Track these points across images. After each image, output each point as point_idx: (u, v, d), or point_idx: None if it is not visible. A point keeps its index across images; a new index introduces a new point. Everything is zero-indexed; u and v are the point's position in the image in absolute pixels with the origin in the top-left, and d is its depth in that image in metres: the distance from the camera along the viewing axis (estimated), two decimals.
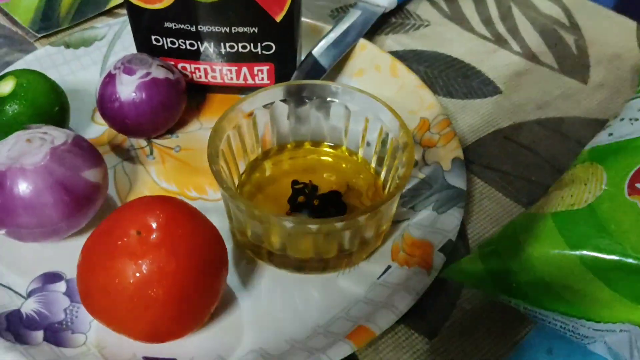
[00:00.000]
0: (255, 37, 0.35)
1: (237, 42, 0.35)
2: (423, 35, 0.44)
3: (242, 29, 0.34)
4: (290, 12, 0.34)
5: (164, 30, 0.35)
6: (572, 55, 0.43)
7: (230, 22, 0.34)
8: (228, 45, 0.35)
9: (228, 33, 0.34)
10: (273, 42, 0.35)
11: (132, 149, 0.35)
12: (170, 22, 0.34)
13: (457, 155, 0.33)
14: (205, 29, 0.34)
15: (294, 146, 0.34)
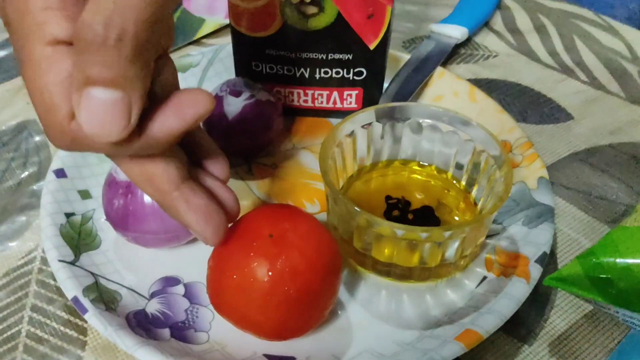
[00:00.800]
0: (349, 63, 0.37)
1: (332, 68, 0.38)
2: (493, 65, 0.47)
3: (338, 55, 0.37)
4: (383, 40, 0.36)
5: (264, 57, 0.38)
6: (637, 85, 0.45)
7: (328, 49, 0.37)
8: (323, 71, 0.38)
9: (324, 59, 0.37)
10: (365, 68, 0.38)
11: (232, 166, 0.38)
12: (271, 49, 0.37)
13: (542, 174, 0.35)
14: (304, 55, 0.37)
15: (385, 165, 0.36)
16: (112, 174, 0.31)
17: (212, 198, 0.25)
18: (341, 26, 0.35)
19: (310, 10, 0.35)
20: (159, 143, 0.21)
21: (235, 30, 0.37)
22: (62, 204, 0.33)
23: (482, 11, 0.50)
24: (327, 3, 0.35)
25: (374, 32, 0.36)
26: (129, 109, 0.19)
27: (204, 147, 0.27)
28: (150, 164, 0.23)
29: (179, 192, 0.23)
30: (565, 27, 0.51)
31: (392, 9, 0.35)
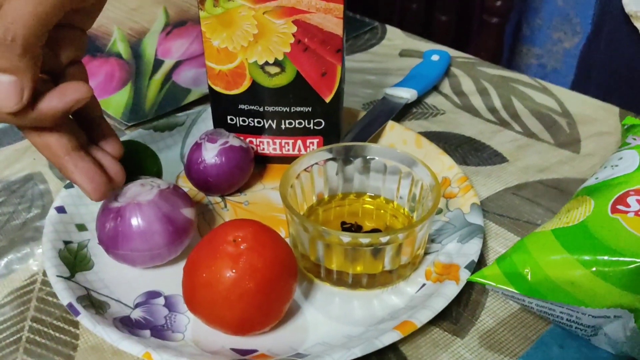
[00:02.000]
0: (309, 115, 0.44)
1: (295, 119, 0.44)
2: (440, 121, 0.54)
3: (300, 108, 0.44)
4: (336, 95, 0.43)
5: (237, 111, 0.44)
6: (566, 133, 0.52)
7: (291, 103, 0.43)
8: (287, 122, 0.45)
9: (288, 112, 0.44)
10: (323, 119, 0.44)
11: (209, 203, 0.44)
12: (243, 104, 0.44)
13: (475, 201, 0.41)
14: (270, 109, 0.44)
15: (340, 197, 0.42)
16: (105, 202, 0.37)
17: (97, 164, 0.34)
18: (300, 83, 0.43)
19: (273, 70, 0.42)
20: (47, 117, 0.30)
21: (212, 89, 0.44)
22: (62, 234, 0.39)
23: (431, 77, 0.58)
24: (287, 64, 0.42)
25: (329, 87, 0.43)
26: (21, 89, 0.28)
27: (102, 130, 0.37)
28: (47, 133, 0.32)
29: (69, 157, 0.33)
30: (504, 89, 0.58)
31: (342, 68, 0.42)
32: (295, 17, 0.40)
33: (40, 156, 0.49)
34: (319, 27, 0.40)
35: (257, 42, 0.41)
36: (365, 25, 0.71)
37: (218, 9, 0.40)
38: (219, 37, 0.41)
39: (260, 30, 0.41)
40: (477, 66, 0.63)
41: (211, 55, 0.42)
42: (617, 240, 0.32)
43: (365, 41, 0.68)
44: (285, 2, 0.39)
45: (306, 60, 0.42)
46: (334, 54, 0.42)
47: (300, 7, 0.40)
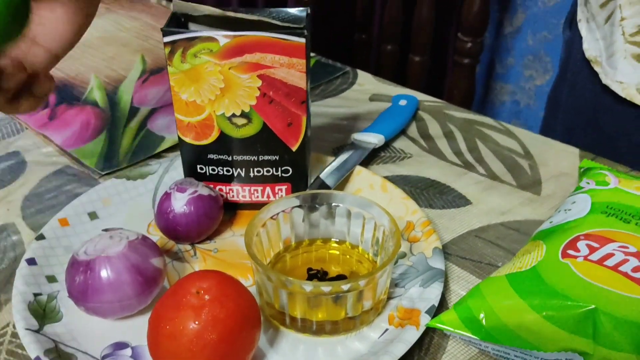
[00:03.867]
0: (277, 163, 0.46)
1: (263, 167, 0.46)
2: (406, 164, 0.55)
3: (267, 157, 0.45)
4: (302, 144, 0.45)
5: (207, 160, 0.46)
6: (527, 175, 0.54)
7: (259, 152, 0.45)
8: (256, 170, 0.46)
9: (256, 160, 0.45)
10: (290, 167, 0.46)
11: (179, 251, 0.45)
12: (212, 154, 0.45)
13: (437, 245, 0.42)
14: (239, 158, 0.45)
15: (307, 243, 0.43)
16: (74, 255, 0.38)
17: None
18: (267, 133, 0.44)
19: (240, 121, 0.44)
20: None
21: (182, 140, 0.45)
22: (32, 286, 0.40)
23: (398, 122, 0.59)
24: (254, 115, 0.43)
25: (295, 136, 0.45)
26: None
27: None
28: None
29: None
30: (469, 132, 0.60)
31: (307, 118, 0.44)
32: (260, 71, 0.42)
33: (14, 206, 0.49)
34: (283, 80, 0.42)
35: (224, 95, 0.43)
36: (337, 70, 0.73)
37: (186, 64, 0.42)
38: (187, 91, 0.43)
39: (227, 85, 0.42)
40: (444, 110, 0.65)
41: (180, 108, 0.44)
42: (566, 285, 0.33)
43: (336, 86, 0.70)
44: (249, 59, 0.41)
45: (272, 111, 0.43)
46: (298, 106, 0.43)
47: (264, 62, 0.41)
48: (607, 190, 0.41)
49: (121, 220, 0.47)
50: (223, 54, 0.41)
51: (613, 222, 0.38)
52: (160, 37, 0.78)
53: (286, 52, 0.41)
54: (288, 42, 0.41)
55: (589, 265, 0.34)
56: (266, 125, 0.44)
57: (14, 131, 0.60)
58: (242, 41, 0.41)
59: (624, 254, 0.35)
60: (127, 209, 0.48)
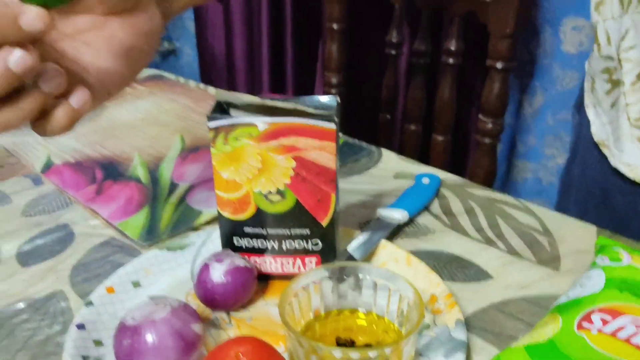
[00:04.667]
0: (308, 236, 0.49)
1: (294, 240, 0.49)
2: (430, 239, 0.58)
3: (299, 230, 0.49)
4: (332, 219, 0.48)
5: (243, 233, 0.49)
6: (546, 251, 0.56)
7: (291, 226, 0.49)
8: (287, 243, 0.49)
9: (289, 234, 0.49)
10: (320, 240, 0.49)
11: (215, 319, 0.47)
12: (248, 227, 0.49)
13: (459, 317, 0.45)
14: (272, 231, 0.49)
15: (336, 313, 0.46)
16: (122, 321, 0.41)
17: None
18: (299, 209, 0.48)
19: (275, 198, 0.48)
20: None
21: (220, 214, 0.49)
22: (80, 349, 0.43)
23: (421, 199, 0.63)
24: (287, 193, 0.47)
25: (325, 212, 0.48)
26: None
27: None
28: None
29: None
30: (490, 210, 0.63)
31: (336, 195, 0.48)
32: (294, 153, 0.46)
33: (63, 275, 0.53)
34: (314, 161, 0.46)
35: (261, 174, 0.47)
36: (363, 149, 0.77)
37: (227, 147, 0.46)
38: (228, 170, 0.47)
39: (264, 165, 0.46)
40: (465, 188, 0.68)
41: (220, 185, 0.48)
42: (581, 356, 0.35)
43: (363, 164, 0.74)
44: (285, 142, 0.46)
45: (304, 189, 0.47)
46: (328, 184, 0.47)
47: (298, 145, 0.46)
48: (620, 267, 0.44)
49: (162, 289, 0.51)
50: (262, 138, 0.46)
51: (626, 296, 0.40)
52: (197, 117, 0.84)
53: (318, 136, 0.45)
54: (320, 127, 0.45)
55: (603, 337, 0.36)
56: (299, 201, 0.48)
57: (63, 205, 0.65)
58: (279, 127, 0.45)
59: (636, 327, 0.37)
60: (167, 278, 0.52)
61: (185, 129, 0.84)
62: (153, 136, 0.82)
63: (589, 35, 1.21)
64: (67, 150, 0.78)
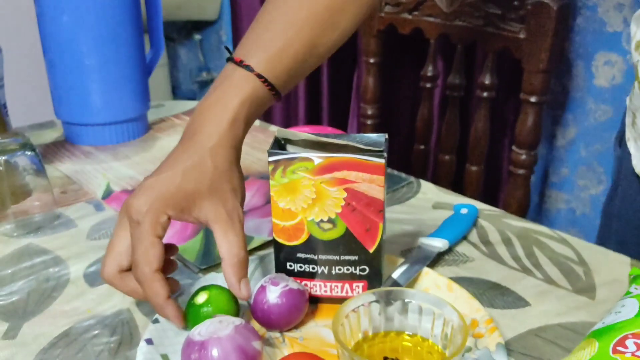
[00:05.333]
0: (356, 262, 0.53)
1: (344, 266, 0.53)
2: (469, 267, 0.61)
3: (348, 257, 0.52)
4: (378, 246, 0.52)
5: (296, 259, 0.53)
6: (582, 281, 0.59)
7: (340, 252, 0.52)
8: (337, 268, 0.53)
9: (338, 260, 0.53)
10: (367, 266, 0.53)
11: (270, 338, 0.51)
12: (301, 253, 0.53)
13: (499, 341, 0.48)
14: (323, 257, 0.53)
15: (383, 335, 0.49)
16: (189, 336, 0.45)
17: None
18: (349, 237, 0.52)
19: (327, 226, 0.52)
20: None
21: (276, 241, 0.53)
22: None
23: (461, 229, 0.66)
24: (338, 221, 0.51)
25: (372, 240, 0.52)
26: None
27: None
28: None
29: (165, 304, 0.48)
30: (526, 240, 0.66)
31: (383, 225, 0.52)
32: (346, 185, 0.50)
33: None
34: (364, 193, 0.50)
35: (315, 204, 0.51)
36: (402, 180, 0.81)
37: (285, 179, 0.51)
38: (284, 200, 0.51)
39: (318, 195, 0.51)
40: (502, 218, 0.71)
41: (277, 214, 0.52)
42: None
43: (402, 194, 0.78)
44: (338, 175, 0.50)
45: (354, 218, 0.51)
46: (376, 214, 0.51)
47: (350, 178, 0.50)
48: None
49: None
50: (316, 171, 0.50)
51: None
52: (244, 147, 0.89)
53: (368, 170, 0.49)
54: (370, 162, 0.49)
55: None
56: (348, 230, 0.51)
57: None
58: (333, 161, 0.49)
59: None
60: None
61: None
62: None
63: (621, 69, 1.23)
64: (124, 178, 0.83)
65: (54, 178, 0.84)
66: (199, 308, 0.49)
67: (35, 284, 0.60)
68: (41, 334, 0.53)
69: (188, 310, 0.50)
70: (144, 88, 0.97)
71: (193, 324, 0.48)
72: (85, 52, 0.89)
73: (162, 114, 1.12)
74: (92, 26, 0.88)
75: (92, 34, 0.88)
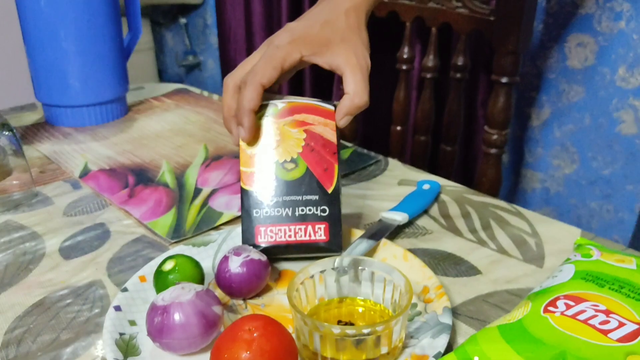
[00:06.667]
0: (317, 202, 0.57)
1: (306, 206, 0.56)
2: (427, 239, 0.64)
3: (309, 197, 0.56)
4: (336, 187, 0.56)
5: (260, 203, 0.57)
6: (533, 251, 0.62)
7: (302, 192, 0.56)
8: (299, 209, 0.57)
9: (300, 200, 0.56)
10: (327, 206, 0.56)
11: (233, 305, 0.54)
12: (268, 199, 0.56)
13: (446, 305, 0.51)
14: (287, 198, 0.56)
15: (338, 301, 0.52)
16: (153, 302, 0.48)
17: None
18: (310, 176, 0.57)
19: (290, 166, 0.57)
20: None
21: (244, 189, 0.57)
22: (118, 327, 0.50)
23: (421, 203, 0.69)
24: (300, 161, 0.57)
25: (330, 180, 0.56)
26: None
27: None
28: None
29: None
30: (484, 213, 0.69)
31: (338, 167, 0.57)
32: (305, 127, 0.57)
33: (101, 267, 0.61)
34: (320, 135, 0.57)
35: (279, 146, 0.57)
36: (371, 158, 0.84)
37: None
38: (252, 147, 0.57)
39: (282, 137, 0.57)
40: (463, 194, 0.74)
41: (245, 162, 0.57)
42: (544, 334, 0.41)
43: (370, 172, 0.81)
44: (297, 117, 0.57)
45: (313, 158, 0.57)
46: (332, 155, 0.57)
47: (307, 121, 0.57)
48: (589, 261, 0.50)
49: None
50: (280, 114, 0.57)
51: (589, 286, 0.46)
52: (220, 129, 0.91)
53: (322, 115, 0.57)
54: (323, 108, 0.57)
55: (564, 319, 0.42)
56: (309, 169, 0.57)
57: (99, 206, 0.73)
58: (293, 106, 0.58)
59: (594, 311, 0.43)
60: None
61: (209, 139, 0.91)
62: (179, 145, 0.89)
63: (593, 50, 1.26)
64: (102, 158, 0.85)
65: (34, 158, 0.86)
66: (166, 275, 0.52)
67: (12, 258, 0.63)
68: (17, 303, 0.55)
69: (156, 277, 0.53)
70: (123, 70, 0.99)
71: (159, 290, 0.51)
72: (63, 35, 0.91)
73: (142, 96, 1.14)
74: (69, 10, 0.90)
75: (69, 17, 0.90)
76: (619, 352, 0.40)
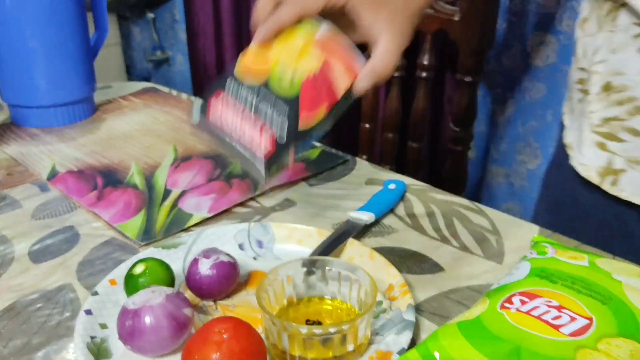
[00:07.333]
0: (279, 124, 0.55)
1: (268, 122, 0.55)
2: (393, 238, 0.66)
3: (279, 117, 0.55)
4: (310, 129, 0.56)
5: (237, 90, 0.58)
6: (493, 248, 0.65)
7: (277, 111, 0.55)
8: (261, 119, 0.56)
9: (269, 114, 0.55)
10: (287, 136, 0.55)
11: (204, 306, 0.55)
12: (250, 94, 0.57)
13: (410, 302, 0.53)
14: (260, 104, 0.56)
15: (306, 300, 0.54)
16: (124, 305, 0.49)
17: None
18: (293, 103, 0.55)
19: (285, 84, 0.56)
20: None
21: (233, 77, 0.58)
22: (89, 330, 0.50)
23: (387, 203, 0.71)
24: (297, 85, 0.56)
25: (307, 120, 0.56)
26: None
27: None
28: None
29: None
30: (448, 211, 0.72)
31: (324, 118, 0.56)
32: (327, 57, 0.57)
33: (70, 271, 0.61)
34: (332, 78, 0.57)
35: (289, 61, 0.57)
36: (339, 158, 0.86)
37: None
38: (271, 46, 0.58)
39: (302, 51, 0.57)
40: (428, 192, 0.76)
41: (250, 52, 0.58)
42: (500, 330, 0.44)
43: (338, 172, 0.82)
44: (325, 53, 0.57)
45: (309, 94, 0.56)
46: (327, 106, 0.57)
47: (333, 57, 0.57)
48: (544, 258, 0.52)
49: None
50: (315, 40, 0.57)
51: (544, 283, 0.48)
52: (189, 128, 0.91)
53: (349, 65, 0.57)
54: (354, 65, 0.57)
55: (519, 315, 0.45)
56: (298, 97, 0.55)
57: (68, 209, 0.73)
58: (333, 38, 0.58)
59: (547, 307, 0.45)
60: None
61: (178, 139, 0.92)
62: (148, 146, 0.90)
63: (554, 49, 1.29)
64: (70, 160, 0.85)
65: (0, 160, 0.85)
66: (137, 278, 0.53)
67: None
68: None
69: (126, 281, 0.54)
70: (89, 70, 0.99)
71: (130, 293, 0.52)
72: (28, 34, 0.91)
73: (110, 95, 1.13)
74: (34, 8, 0.89)
75: (34, 16, 0.90)
76: (570, 346, 0.42)
